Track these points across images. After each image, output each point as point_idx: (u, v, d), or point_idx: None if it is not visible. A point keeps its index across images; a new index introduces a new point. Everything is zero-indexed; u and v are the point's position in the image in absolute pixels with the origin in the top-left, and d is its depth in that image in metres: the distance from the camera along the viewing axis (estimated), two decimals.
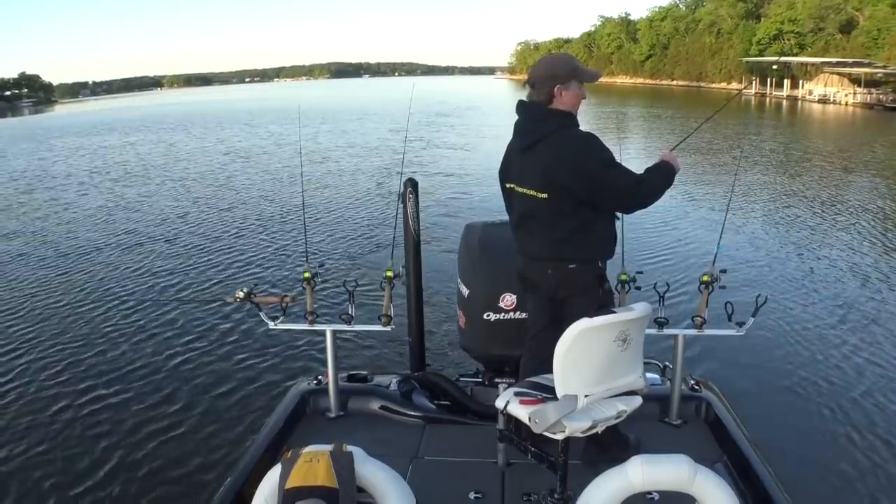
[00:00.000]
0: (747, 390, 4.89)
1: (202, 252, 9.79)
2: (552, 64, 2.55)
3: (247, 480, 2.44)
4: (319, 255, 9.14)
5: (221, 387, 5.40)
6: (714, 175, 15.65)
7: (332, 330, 3.04)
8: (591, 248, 2.56)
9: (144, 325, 6.84)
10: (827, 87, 47.19)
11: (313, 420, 3.09)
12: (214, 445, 4.51)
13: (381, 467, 1.90)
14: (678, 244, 9.44)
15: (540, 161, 2.49)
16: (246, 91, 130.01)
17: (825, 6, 54.84)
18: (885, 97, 41.06)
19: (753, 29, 63.83)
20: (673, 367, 2.97)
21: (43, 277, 8.78)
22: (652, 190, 2.52)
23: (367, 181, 15.83)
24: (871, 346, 5.96)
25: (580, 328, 2.01)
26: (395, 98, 52.24)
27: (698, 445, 2.71)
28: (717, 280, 2.86)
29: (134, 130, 35.44)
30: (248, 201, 13.87)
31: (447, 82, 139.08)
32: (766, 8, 65.85)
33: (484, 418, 2.94)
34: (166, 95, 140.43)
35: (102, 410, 5.07)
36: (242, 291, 2.99)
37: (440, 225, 10.36)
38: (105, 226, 12.06)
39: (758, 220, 11.24)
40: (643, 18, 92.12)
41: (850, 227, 10.69)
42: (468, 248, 3.19)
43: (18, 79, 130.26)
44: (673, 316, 2.92)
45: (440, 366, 4.68)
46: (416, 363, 3.56)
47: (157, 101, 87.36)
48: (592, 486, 1.83)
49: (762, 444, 2.75)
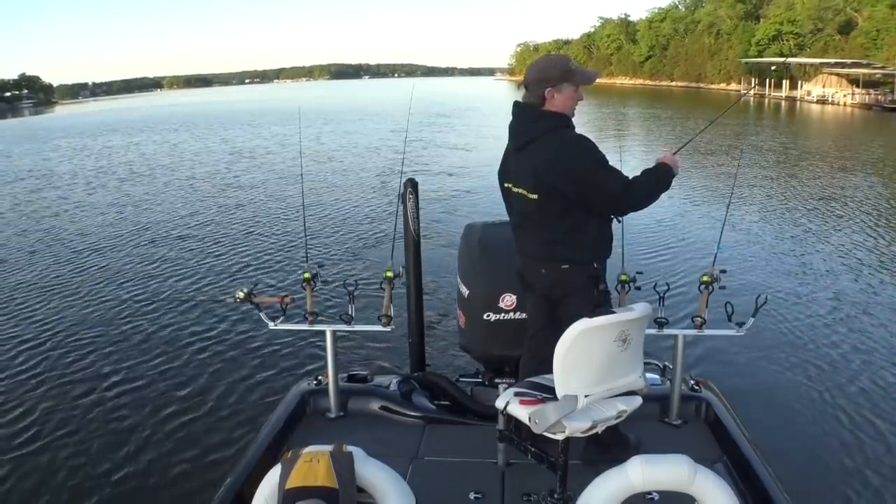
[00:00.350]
0: (747, 390, 4.88)
1: (202, 252, 9.79)
2: (544, 67, 2.54)
3: (247, 480, 2.44)
4: (319, 255, 9.14)
5: (221, 387, 5.39)
6: (714, 175, 15.66)
7: (332, 330, 3.04)
8: (584, 249, 2.55)
9: (144, 324, 6.84)
10: (825, 88, 47.29)
11: (313, 420, 3.09)
12: (214, 445, 4.50)
13: (381, 467, 1.90)
14: (678, 244, 9.44)
15: (530, 162, 2.50)
16: (246, 92, 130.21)
17: (824, 7, 54.99)
18: (884, 98, 41.09)
19: (752, 30, 64.00)
20: (673, 367, 2.97)
21: (42, 276, 8.77)
22: (644, 193, 2.50)
23: (368, 181, 15.84)
24: (871, 347, 5.96)
25: (580, 328, 2.01)
26: (396, 99, 52.31)
27: (698, 445, 2.71)
28: (717, 280, 2.86)
29: (137, 131, 35.47)
30: (249, 202, 13.86)
31: (447, 83, 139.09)
32: (765, 9, 66.00)
33: (484, 418, 2.94)
34: (166, 96, 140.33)
35: (102, 410, 5.07)
36: (242, 291, 2.99)
37: (440, 225, 10.36)
38: (105, 226, 12.05)
39: (758, 220, 11.24)
40: (642, 19, 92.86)
41: (851, 227, 10.69)
42: (468, 248, 3.19)
43: (19, 80, 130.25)
44: (673, 316, 2.93)
45: (440, 366, 4.68)
46: (416, 363, 3.56)
47: (159, 103, 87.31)
48: (592, 486, 1.83)
49: (762, 444, 2.75)
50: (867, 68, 43.91)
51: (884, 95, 41.54)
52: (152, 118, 46.65)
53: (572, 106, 2.54)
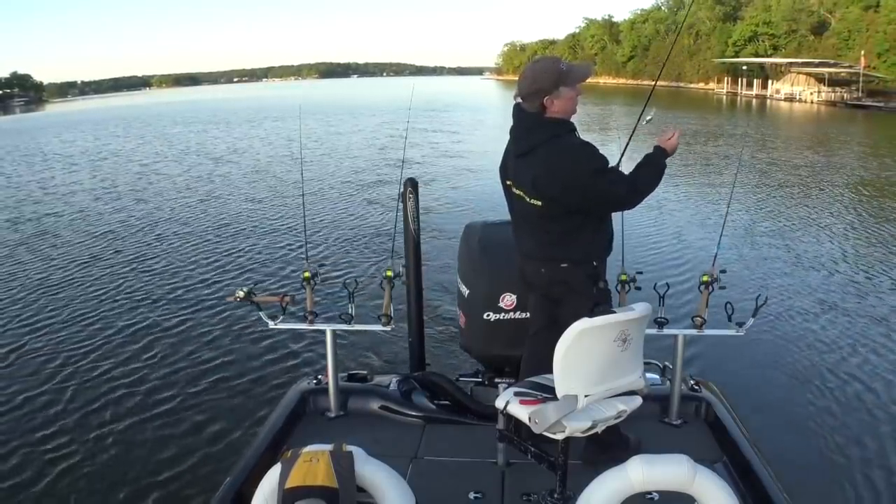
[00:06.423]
0: (747, 390, 4.88)
1: (202, 252, 9.78)
2: (536, 77, 2.45)
3: (247, 480, 2.43)
4: (319, 254, 9.14)
5: (221, 386, 5.39)
6: (714, 175, 15.67)
7: (332, 330, 3.04)
8: (584, 248, 2.55)
9: (143, 324, 6.84)
10: (794, 87, 49.30)
11: (313, 420, 3.08)
12: (214, 445, 4.50)
13: (381, 467, 1.89)
14: (678, 244, 9.45)
15: (530, 170, 2.48)
16: (237, 91, 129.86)
17: (798, 8, 57.01)
18: (849, 95, 43.60)
19: (730, 31, 65.70)
20: (673, 367, 2.97)
21: (42, 276, 8.78)
22: (647, 186, 2.51)
23: (367, 181, 15.83)
24: (871, 347, 5.96)
25: (580, 328, 2.01)
26: (391, 97, 52.32)
27: (698, 445, 2.71)
28: (717, 280, 2.85)
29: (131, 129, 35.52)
30: (249, 201, 13.86)
31: (439, 83, 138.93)
32: (744, 11, 67.94)
33: (484, 418, 2.94)
34: (156, 95, 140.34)
35: (101, 410, 5.07)
36: (242, 291, 2.98)
37: (440, 225, 10.35)
38: (105, 226, 12.04)
39: (758, 220, 11.24)
40: (625, 20, 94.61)
41: (851, 227, 10.70)
42: (468, 248, 3.19)
43: (10, 78, 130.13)
44: (673, 316, 2.92)
45: (440, 366, 4.66)
46: (416, 363, 3.56)
47: (150, 101, 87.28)
48: (592, 486, 1.82)
49: (762, 444, 2.75)
50: (833, 67, 45.74)
51: (849, 93, 43.90)
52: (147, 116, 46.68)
53: (573, 107, 2.51)
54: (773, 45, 59.63)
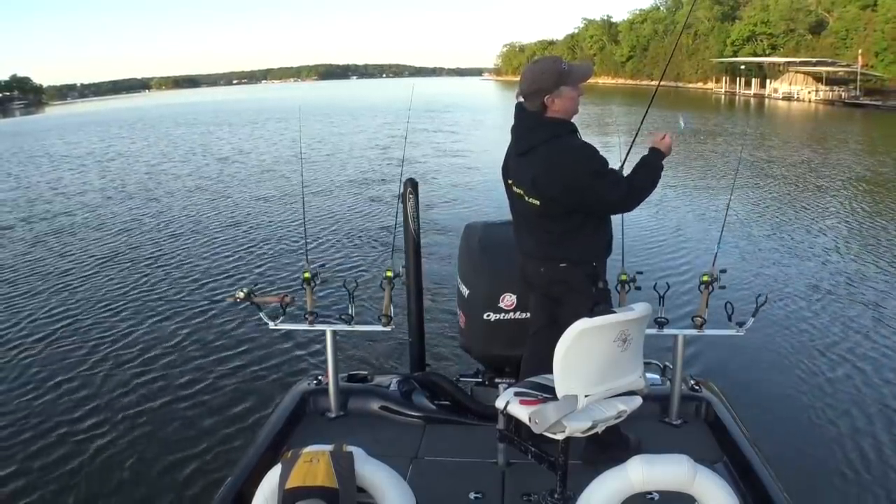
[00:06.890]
0: (747, 390, 4.88)
1: (202, 252, 9.78)
2: (537, 77, 2.45)
3: (247, 480, 2.44)
4: (319, 255, 9.13)
5: (221, 387, 5.39)
6: (713, 175, 15.66)
7: (332, 330, 3.04)
8: (583, 248, 2.55)
9: (143, 325, 6.83)
10: (792, 86, 49.58)
11: (313, 420, 3.08)
12: (214, 445, 4.50)
13: (381, 467, 1.89)
14: (678, 244, 9.45)
15: (530, 170, 2.49)
16: (237, 93, 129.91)
17: (796, 8, 57.40)
18: (846, 94, 43.90)
19: (728, 30, 65.99)
20: (673, 367, 2.97)
21: (41, 275, 8.78)
22: (645, 188, 2.52)
23: (367, 181, 15.83)
24: (872, 347, 5.96)
25: (580, 328, 2.01)
26: (391, 98, 52.32)
27: (698, 445, 2.71)
28: (717, 280, 2.85)
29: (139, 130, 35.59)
30: (248, 201, 13.86)
31: (438, 83, 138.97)
32: (742, 10, 68.29)
33: (484, 418, 2.94)
34: (156, 97, 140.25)
35: (101, 409, 5.07)
36: (242, 291, 2.98)
37: (440, 225, 10.35)
38: (104, 226, 12.05)
39: (758, 219, 11.24)
40: (624, 21, 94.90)
41: (852, 227, 10.70)
42: (468, 248, 3.19)
43: (10, 81, 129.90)
44: (673, 316, 2.92)
45: (440, 366, 4.68)
46: (416, 363, 3.55)
47: (150, 103, 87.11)
48: (592, 486, 1.82)
49: (762, 444, 2.75)
50: (831, 66, 46.00)
51: (846, 92, 44.16)
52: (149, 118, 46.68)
53: (574, 106, 2.51)
54: (772, 45, 60.10)
